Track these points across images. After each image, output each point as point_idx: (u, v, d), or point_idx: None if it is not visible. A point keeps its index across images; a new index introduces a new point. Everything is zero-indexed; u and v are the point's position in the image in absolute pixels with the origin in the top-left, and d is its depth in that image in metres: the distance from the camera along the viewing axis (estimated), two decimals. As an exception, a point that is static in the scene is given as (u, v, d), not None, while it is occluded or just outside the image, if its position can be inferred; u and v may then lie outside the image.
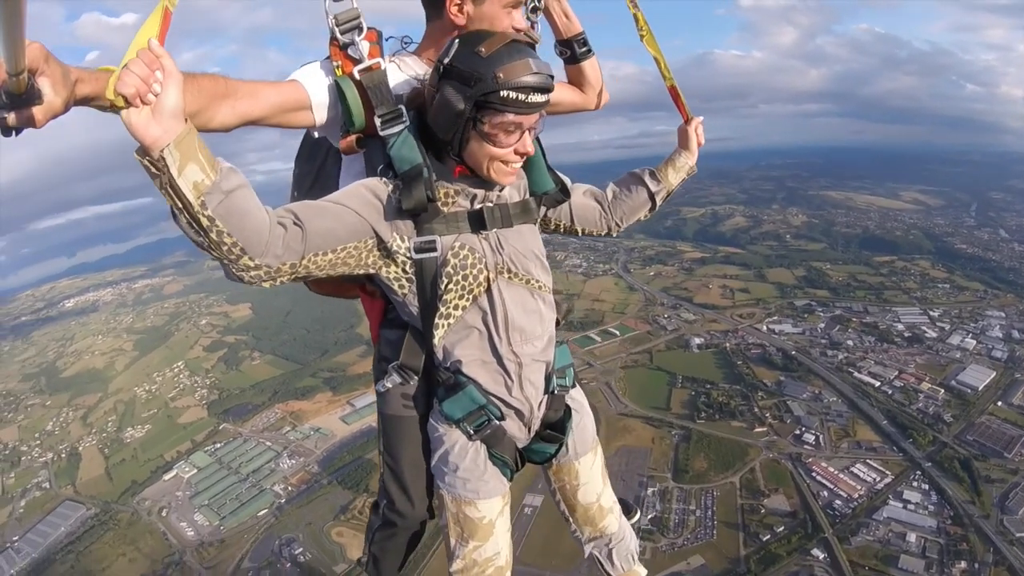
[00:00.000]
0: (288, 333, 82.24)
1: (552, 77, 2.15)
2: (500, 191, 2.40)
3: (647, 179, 3.00)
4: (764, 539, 41.49)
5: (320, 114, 2.38)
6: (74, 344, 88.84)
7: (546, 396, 2.63)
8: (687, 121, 3.08)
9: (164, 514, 52.02)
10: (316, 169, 2.85)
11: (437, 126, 2.19)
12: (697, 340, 67.47)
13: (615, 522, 3.11)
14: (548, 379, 2.62)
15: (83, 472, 58.94)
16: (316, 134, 2.58)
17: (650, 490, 46.94)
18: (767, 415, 53.75)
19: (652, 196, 3.01)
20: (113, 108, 1.64)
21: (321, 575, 44.03)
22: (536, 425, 2.67)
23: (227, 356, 78.82)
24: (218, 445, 60.76)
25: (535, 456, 2.79)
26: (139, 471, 58.40)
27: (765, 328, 68.98)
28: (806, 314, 71.52)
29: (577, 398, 2.87)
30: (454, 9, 2.43)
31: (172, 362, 78.60)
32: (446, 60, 2.09)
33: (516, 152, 2.22)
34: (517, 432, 2.62)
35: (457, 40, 2.13)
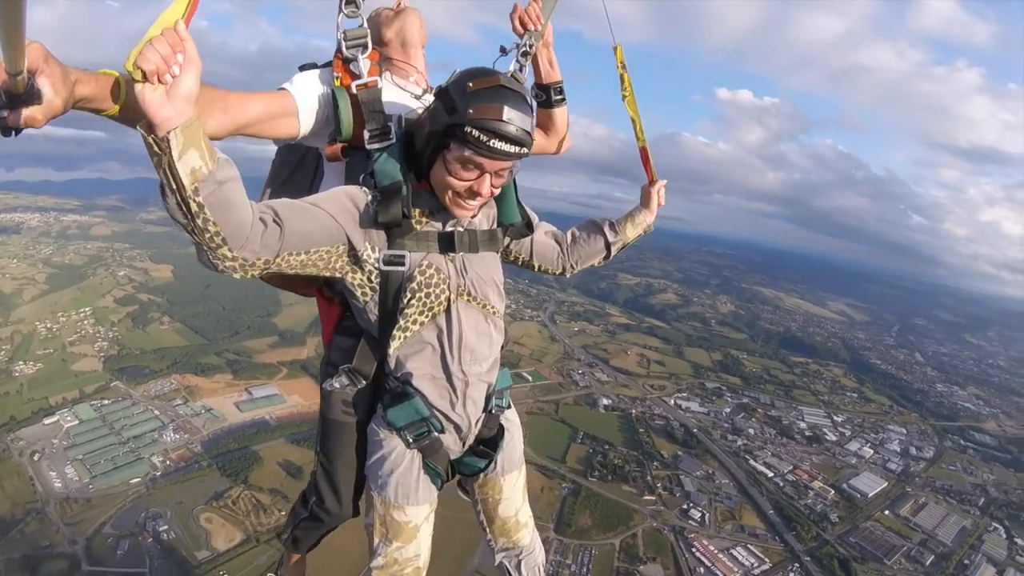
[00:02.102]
0: (204, 306, 79.48)
1: (529, 133, 2.16)
2: (472, 217, 2.47)
3: (606, 229, 3.17)
4: (635, 606, 41.54)
5: (307, 121, 2.46)
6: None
7: (484, 414, 2.73)
8: (652, 182, 3.28)
9: (36, 459, 49.16)
10: (296, 162, 2.88)
11: (417, 138, 2.30)
12: (605, 401, 68.34)
13: (528, 536, 3.25)
14: (488, 399, 2.70)
15: (-37, 396, 55.28)
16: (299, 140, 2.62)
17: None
18: (658, 485, 54.04)
19: (608, 246, 3.18)
20: (107, 112, 1.75)
21: (181, 557, 41.79)
22: (471, 440, 2.78)
23: (136, 314, 75.72)
24: (106, 401, 57.91)
25: (465, 469, 2.91)
26: (21, 408, 55.48)
27: (673, 402, 70.27)
28: (715, 397, 73.26)
29: (511, 419, 3.00)
30: None
31: (80, 306, 75.12)
32: (445, 84, 2.21)
33: (471, 190, 2.25)
34: (453, 445, 2.72)
35: (460, 71, 2.22)
